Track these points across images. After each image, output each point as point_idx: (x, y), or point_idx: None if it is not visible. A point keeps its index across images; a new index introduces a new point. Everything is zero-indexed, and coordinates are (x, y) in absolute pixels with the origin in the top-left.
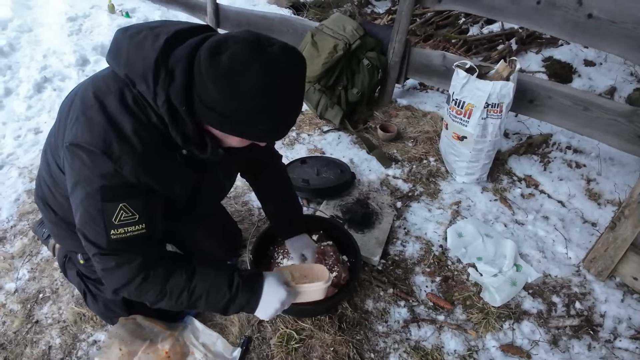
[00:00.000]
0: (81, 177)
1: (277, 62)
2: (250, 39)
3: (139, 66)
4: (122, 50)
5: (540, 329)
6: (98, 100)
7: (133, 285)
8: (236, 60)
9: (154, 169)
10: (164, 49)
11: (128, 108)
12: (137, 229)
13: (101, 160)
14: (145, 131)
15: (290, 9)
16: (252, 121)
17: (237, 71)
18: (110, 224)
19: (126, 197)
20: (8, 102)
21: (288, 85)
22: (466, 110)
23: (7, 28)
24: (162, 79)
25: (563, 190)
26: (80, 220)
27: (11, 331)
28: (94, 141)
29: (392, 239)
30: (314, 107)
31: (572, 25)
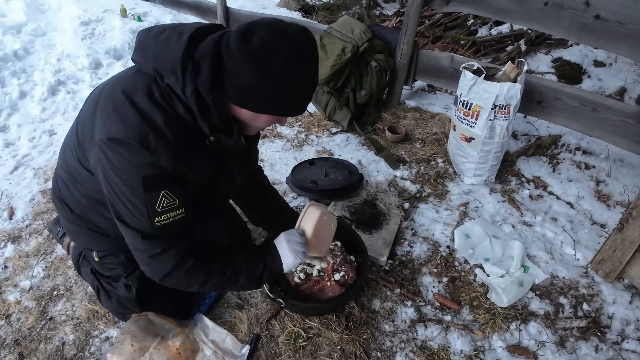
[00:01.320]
0: (121, 170)
1: (298, 42)
2: (272, 22)
3: (167, 60)
4: (149, 48)
5: (547, 330)
6: (128, 97)
7: (183, 269)
8: (266, 43)
9: (186, 157)
10: (189, 44)
11: (157, 103)
12: (178, 214)
13: (140, 152)
14: (175, 123)
15: (299, 11)
16: (284, 95)
17: (268, 50)
18: (154, 211)
19: (166, 184)
20: (23, 105)
21: (309, 58)
22: (474, 112)
23: (21, 32)
24: (190, 72)
25: (572, 192)
26: (122, 212)
27: (26, 327)
28: (131, 134)
29: (400, 239)
30: (322, 109)
31: (580, 27)
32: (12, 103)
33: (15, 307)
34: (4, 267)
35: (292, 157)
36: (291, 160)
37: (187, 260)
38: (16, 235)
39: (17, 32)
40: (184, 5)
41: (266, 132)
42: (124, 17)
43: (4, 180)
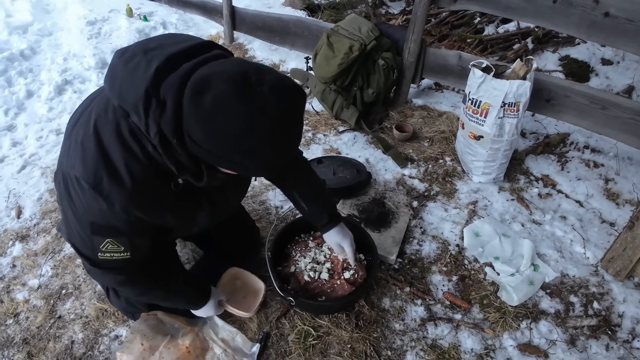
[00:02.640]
0: (75, 206)
1: (265, 105)
2: (237, 77)
3: (131, 96)
4: (117, 78)
5: (558, 328)
6: (95, 130)
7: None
8: (220, 102)
9: (144, 204)
10: (155, 78)
11: (122, 139)
12: (122, 256)
13: (91, 197)
14: (138, 165)
15: (305, 10)
16: (240, 160)
17: (221, 114)
18: (98, 249)
19: (112, 235)
20: (30, 104)
21: (277, 127)
22: (483, 110)
23: (27, 32)
24: (153, 110)
25: (581, 190)
26: (71, 233)
27: (34, 326)
28: (86, 175)
29: (409, 238)
30: (329, 108)
31: (589, 24)
32: (19, 102)
33: (23, 306)
34: (13, 266)
35: None
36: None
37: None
38: (24, 234)
39: (23, 32)
40: (189, 4)
41: None
42: (130, 17)
43: (12, 180)
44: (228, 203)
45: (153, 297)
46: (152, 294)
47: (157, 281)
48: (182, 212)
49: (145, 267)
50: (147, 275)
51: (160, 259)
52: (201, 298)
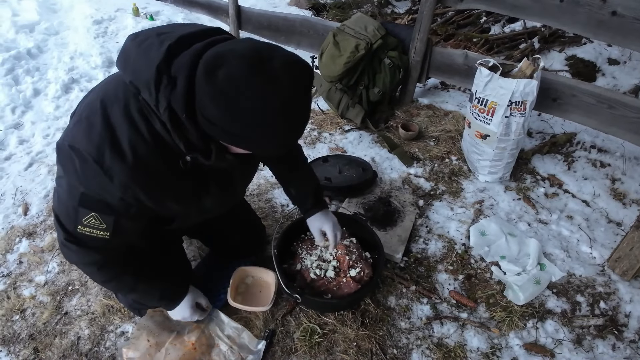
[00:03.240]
0: (69, 176)
1: (277, 79)
2: (249, 54)
3: (143, 73)
4: (130, 58)
5: (564, 328)
6: (103, 107)
7: (87, 270)
8: (233, 78)
9: (144, 181)
10: (167, 56)
11: (130, 117)
12: (100, 234)
13: (91, 169)
14: (142, 142)
15: (311, 10)
16: (254, 136)
17: (234, 89)
18: (80, 221)
19: (100, 210)
20: (37, 103)
21: (290, 101)
22: (489, 109)
23: (34, 31)
24: (164, 86)
25: (587, 190)
26: (57, 203)
27: (41, 322)
28: (89, 148)
29: (415, 236)
30: (335, 107)
31: (596, 23)
32: (26, 101)
33: (30, 302)
34: (19, 263)
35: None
36: None
37: (91, 266)
38: (31, 230)
39: (30, 31)
40: (195, 4)
41: None
42: (137, 16)
43: (19, 177)
44: (234, 188)
45: (121, 286)
46: (120, 282)
47: (127, 268)
48: (185, 195)
49: (121, 252)
50: (120, 260)
51: (142, 247)
52: (174, 295)
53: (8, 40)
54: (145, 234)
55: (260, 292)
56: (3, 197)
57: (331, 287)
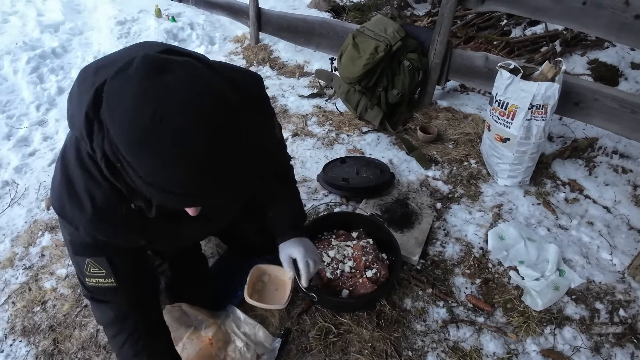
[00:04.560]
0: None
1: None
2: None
3: (77, 121)
4: (71, 103)
5: (583, 335)
6: (63, 155)
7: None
8: (123, 82)
9: (107, 228)
10: (94, 101)
11: (82, 163)
12: (106, 282)
13: (61, 222)
14: (97, 188)
15: (330, 12)
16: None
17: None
18: (84, 272)
19: (90, 254)
20: (61, 100)
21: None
22: (510, 112)
23: (59, 30)
24: (96, 135)
25: (609, 196)
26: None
27: (61, 314)
28: (54, 202)
29: (432, 239)
30: (353, 108)
31: (619, 27)
32: (51, 98)
33: (51, 294)
34: (41, 256)
35: (322, 155)
36: (322, 159)
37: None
38: (53, 225)
39: (54, 31)
40: (216, 6)
41: (297, 130)
42: (159, 18)
43: (42, 172)
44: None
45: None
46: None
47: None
48: (159, 233)
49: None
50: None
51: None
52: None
53: (33, 39)
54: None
55: (277, 290)
56: (27, 191)
57: (347, 287)
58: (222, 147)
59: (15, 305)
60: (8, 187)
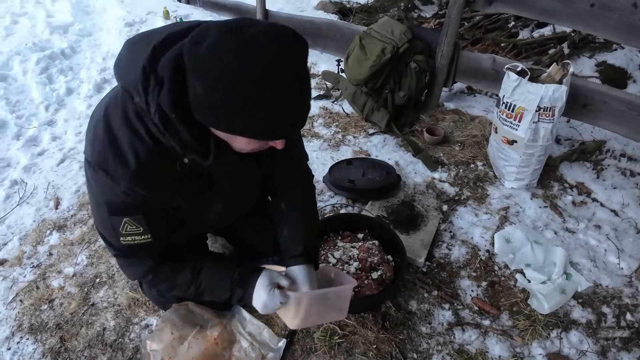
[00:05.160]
0: (92, 189)
1: (256, 41)
2: (231, 23)
3: (132, 77)
4: (121, 62)
5: (589, 339)
6: (105, 114)
7: (145, 281)
8: (213, 46)
9: (149, 183)
10: (152, 57)
11: (129, 122)
12: (143, 239)
13: (101, 177)
14: (142, 145)
15: (337, 14)
16: (243, 112)
17: (214, 57)
18: (119, 232)
19: (127, 213)
20: (70, 101)
21: (270, 65)
22: (517, 114)
23: (68, 32)
24: (152, 89)
25: (616, 199)
26: (96, 223)
27: (68, 312)
28: (94, 157)
29: (438, 241)
30: (360, 110)
31: (627, 29)
32: (60, 99)
33: (58, 293)
34: (49, 254)
35: (329, 156)
36: (328, 160)
37: (148, 275)
38: (62, 224)
39: (64, 32)
40: (223, 8)
41: (303, 131)
42: (167, 19)
43: (51, 172)
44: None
45: (185, 287)
46: (183, 283)
47: (185, 265)
48: (194, 196)
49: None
50: (176, 261)
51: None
52: (245, 276)
53: (43, 40)
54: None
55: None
56: (35, 191)
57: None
58: (308, 78)
59: (22, 303)
60: (17, 187)
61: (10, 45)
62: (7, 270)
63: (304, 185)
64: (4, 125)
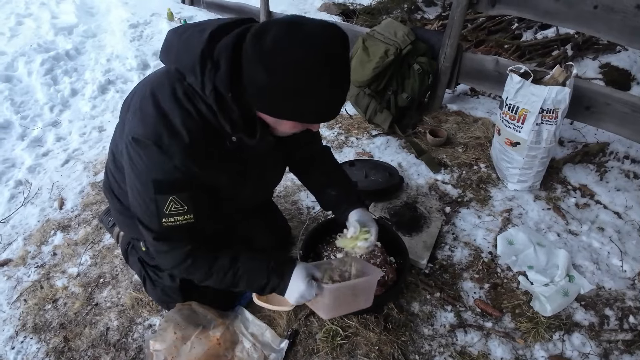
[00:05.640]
0: (137, 168)
1: (316, 35)
2: (291, 19)
3: (188, 60)
4: (172, 47)
5: (592, 341)
6: (153, 95)
7: (182, 267)
8: (277, 38)
9: (201, 159)
10: (209, 41)
11: (178, 101)
12: (185, 219)
13: (153, 153)
14: (193, 123)
15: (340, 15)
16: (300, 98)
17: (279, 48)
18: (162, 212)
19: (175, 190)
20: (74, 102)
21: (329, 56)
22: (520, 116)
23: (72, 33)
24: (209, 70)
25: (620, 202)
26: (136, 207)
27: (72, 312)
28: (147, 133)
29: (440, 243)
30: (363, 112)
31: (631, 31)
32: (64, 100)
33: (62, 293)
34: (54, 254)
35: None
36: None
37: (187, 260)
38: (66, 224)
39: (68, 33)
40: (227, 9)
41: None
42: (171, 21)
43: (55, 172)
44: (269, 177)
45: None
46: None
47: (221, 251)
48: (233, 174)
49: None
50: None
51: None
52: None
53: (47, 41)
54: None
55: None
56: (40, 191)
57: None
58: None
59: (27, 302)
60: (21, 187)
61: (15, 47)
62: (12, 270)
63: (329, 155)
64: (9, 125)
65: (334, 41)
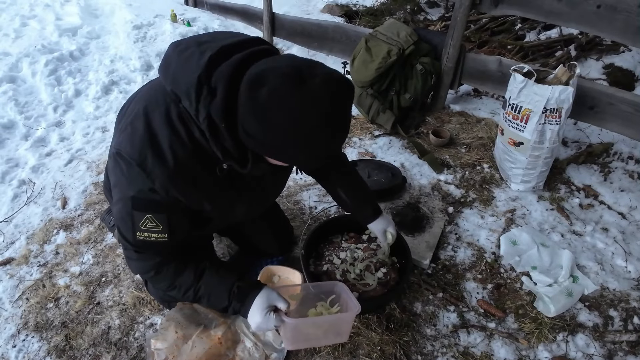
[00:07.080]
0: (118, 182)
1: (317, 96)
2: (290, 72)
3: (184, 83)
4: (171, 66)
5: (596, 342)
6: (146, 113)
7: (148, 276)
8: (274, 95)
9: (184, 185)
10: (207, 66)
11: (171, 123)
12: (159, 237)
13: (136, 173)
14: (182, 147)
15: (343, 17)
16: (291, 151)
17: (275, 105)
18: (137, 227)
19: (152, 210)
20: (78, 103)
21: (328, 117)
22: (523, 115)
23: (76, 34)
24: (204, 97)
25: (624, 202)
26: (115, 215)
27: (74, 311)
28: (132, 153)
29: (443, 243)
30: (365, 112)
31: (634, 30)
32: (68, 100)
33: (64, 291)
34: (56, 253)
35: None
36: None
37: (151, 271)
38: (68, 223)
39: (72, 35)
40: (231, 11)
41: None
42: (174, 22)
43: (59, 172)
44: (266, 197)
45: (184, 290)
46: (183, 285)
47: (188, 266)
48: (220, 200)
49: (180, 254)
50: (181, 261)
51: (195, 250)
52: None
53: (52, 42)
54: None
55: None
56: (43, 190)
57: (357, 289)
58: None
59: (29, 301)
60: (25, 186)
61: (20, 47)
62: (14, 269)
63: (346, 164)
64: (13, 125)
65: (335, 102)
